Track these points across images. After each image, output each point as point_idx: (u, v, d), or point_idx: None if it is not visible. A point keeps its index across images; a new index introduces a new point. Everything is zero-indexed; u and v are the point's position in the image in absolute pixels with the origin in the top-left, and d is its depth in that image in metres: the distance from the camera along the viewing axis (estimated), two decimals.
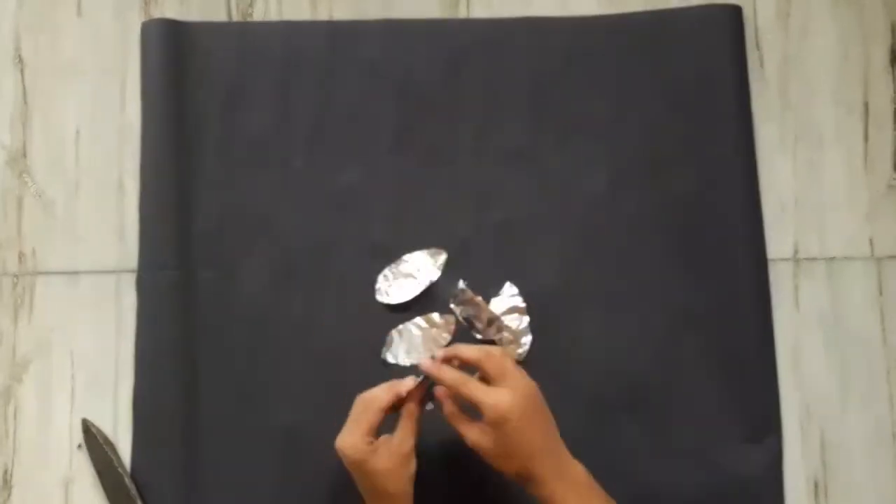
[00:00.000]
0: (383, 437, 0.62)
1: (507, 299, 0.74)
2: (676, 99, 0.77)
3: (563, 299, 0.74)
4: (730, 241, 0.75)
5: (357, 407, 0.63)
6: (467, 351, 0.62)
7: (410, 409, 0.63)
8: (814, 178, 0.77)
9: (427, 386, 0.63)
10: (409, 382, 0.63)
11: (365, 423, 0.61)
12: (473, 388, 0.60)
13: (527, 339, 0.73)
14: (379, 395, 0.62)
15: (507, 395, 0.59)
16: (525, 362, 0.73)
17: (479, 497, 0.71)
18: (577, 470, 0.61)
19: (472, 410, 0.61)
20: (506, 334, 0.73)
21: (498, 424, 0.58)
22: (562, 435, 0.62)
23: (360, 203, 0.76)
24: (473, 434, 0.60)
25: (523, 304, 0.74)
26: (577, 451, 0.62)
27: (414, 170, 0.76)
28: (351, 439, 0.61)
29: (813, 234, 0.76)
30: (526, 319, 0.73)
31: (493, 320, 0.73)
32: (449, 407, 0.62)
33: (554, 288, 0.74)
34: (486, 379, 0.61)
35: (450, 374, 0.61)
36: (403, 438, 0.61)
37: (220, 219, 0.75)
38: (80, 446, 0.72)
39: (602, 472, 0.62)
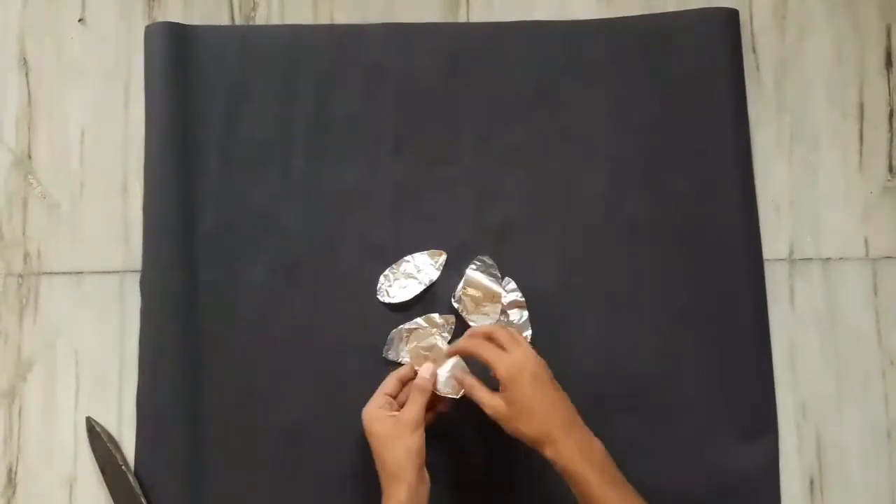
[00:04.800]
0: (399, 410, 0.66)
1: (507, 294, 0.75)
2: (674, 101, 0.78)
3: (561, 299, 0.75)
4: (726, 241, 0.75)
5: (383, 382, 0.68)
6: (482, 327, 0.69)
7: (417, 382, 0.66)
8: (809, 180, 0.78)
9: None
10: (428, 365, 0.68)
11: (382, 391, 0.67)
12: (488, 350, 0.65)
13: (527, 334, 0.74)
14: (400, 369, 0.69)
15: (520, 353, 0.64)
16: None
17: (494, 482, 0.73)
18: (596, 445, 0.62)
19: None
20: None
21: (512, 380, 0.62)
22: None
23: (361, 204, 0.76)
24: (493, 400, 0.63)
25: (522, 299, 0.74)
26: None
27: (414, 170, 0.77)
28: (368, 405, 0.66)
29: (808, 234, 0.77)
30: (525, 314, 0.74)
31: None
32: (469, 379, 0.66)
33: (552, 288, 0.75)
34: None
35: (466, 341, 0.67)
36: (410, 407, 0.65)
37: (223, 220, 0.76)
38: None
39: None
